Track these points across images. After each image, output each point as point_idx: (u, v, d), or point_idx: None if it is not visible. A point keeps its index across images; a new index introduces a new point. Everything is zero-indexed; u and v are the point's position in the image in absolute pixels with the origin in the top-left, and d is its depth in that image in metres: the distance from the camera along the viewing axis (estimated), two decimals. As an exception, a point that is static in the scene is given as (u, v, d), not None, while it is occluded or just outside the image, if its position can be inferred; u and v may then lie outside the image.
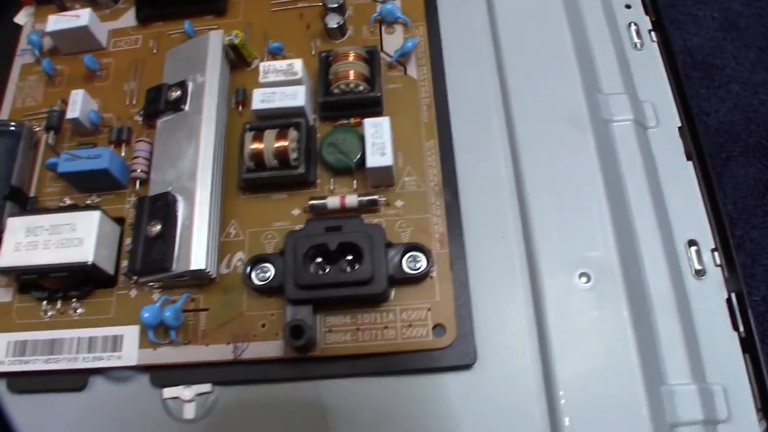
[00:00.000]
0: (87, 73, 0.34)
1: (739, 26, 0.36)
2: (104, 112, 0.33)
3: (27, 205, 0.31)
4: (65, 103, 0.32)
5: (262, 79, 0.30)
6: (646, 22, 0.35)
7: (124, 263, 0.29)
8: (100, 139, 0.33)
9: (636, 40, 0.35)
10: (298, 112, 0.30)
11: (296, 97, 0.30)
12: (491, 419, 0.26)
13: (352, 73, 0.30)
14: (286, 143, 0.29)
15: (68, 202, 0.31)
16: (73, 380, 0.28)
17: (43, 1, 0.37)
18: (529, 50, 0.33)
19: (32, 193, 0.32)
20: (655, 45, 0.35)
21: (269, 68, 0.30)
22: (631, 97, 0.33)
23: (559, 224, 0.29)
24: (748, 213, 0.34)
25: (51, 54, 0.35)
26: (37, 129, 0.33)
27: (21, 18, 0.38)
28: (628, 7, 0.36)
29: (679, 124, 0.33)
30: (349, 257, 0.27)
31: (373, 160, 0.28)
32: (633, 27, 0.35)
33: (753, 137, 0.35)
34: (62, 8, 0.36)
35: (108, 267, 0.29)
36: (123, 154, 0.32)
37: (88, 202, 0.31)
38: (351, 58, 0.31)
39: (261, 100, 0.30)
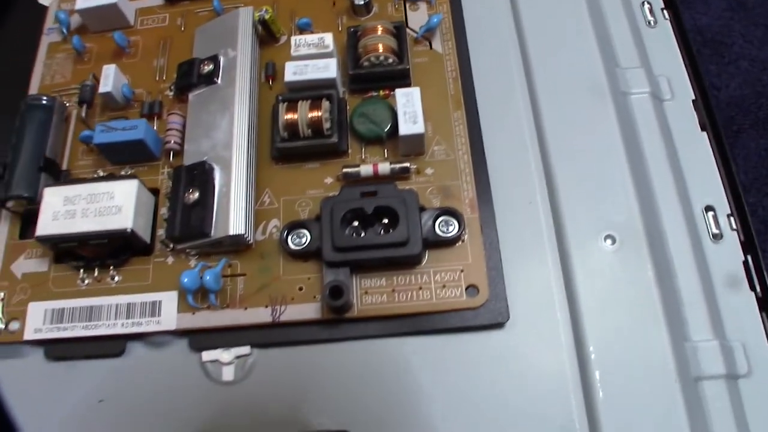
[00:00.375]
0: (116, 50, 0.35)
1: (747, 6, 0.38)
2: (134, 87, 0.34)
3: (60, 178, 0.32)
4: (96, 78, 0.33)
5: (294, 53, 0.31)
6: (658, 1, 0.37)
7: (160, 232, 0.30)
8: (132, 114, 0.33)
9: (649, 17, 0.36)
10: (329, 83, 0.31)
11: (328, 69, 0.31)
12: (524, 375, 0.27)
13: (381, 46, 0.31)
14: (319, 113, 0.30)
15: (101, 174, 0.32)
16: (111, 346, 0.29)
17: (67, -19, 0.37)
18: (549, 25, 0.34)
19: (64, 166, 0.32)
20: (668, 23, 0.36)
21: (301, 42, 0.31)
22: (647, 71, 0.34)
23: (583, 190, 0.30)
24: (760, 182, 0.35)
25: (78, 32, 0.36)
26: (68, 104, 0.34)
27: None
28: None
29: (693, 97, 0.34)
30: (385, 221, 0.28)
31: (405, 128, 0.29)
32: (646, 5, 0.36)
33: (762, 111, 0.37)
34: (88, -12, 0.37)
35: (145, 235, 0.30)
36: (155, 127, 0.32)
37: (123, 173, 0.31)
38: (379, 32, 0.32)
39: (293, 72, 0.31)
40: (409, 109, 0.29)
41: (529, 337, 0.28)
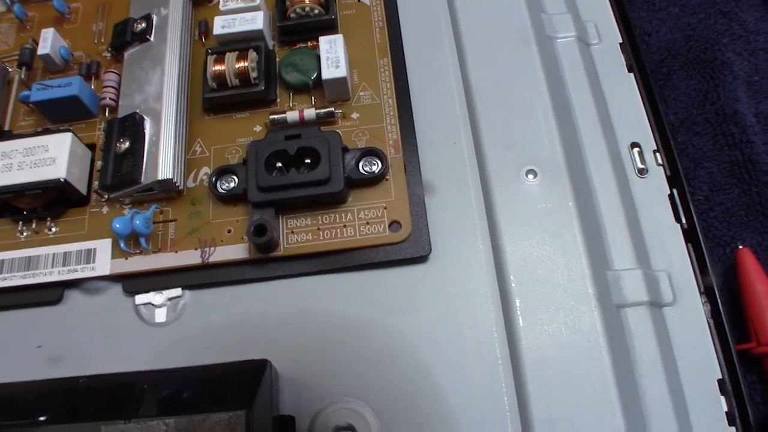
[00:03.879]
0: (57, 16, 0.36)
1: (676, -47, 0.38)
2: (74, 50, 0.35)
3: (1, 138, 0.33)
4: (36, 42, 0.34)
5: (222, 7, 0.32)
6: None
7: (96, 185, 0.31)
8: (71, 75, 0.34)
9: (578, -33, 0.37)
10: (257, 35, 0.32)
11: (255, 21, 0.32)
12: (447, 306, 0.28)
13: (307, -2, 0.32)
14: (246, 63, 0.31)
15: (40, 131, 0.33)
16: (49, 294, 0.30)
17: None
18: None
19: (6, 127, 0.33)
20: (596, -30, 0.36)
21: (229, -3, 0.32)
22: (573, 17, 0.34)
23: (506, 129, 0.30)
24: (690, 121, 0.35)
25: (21, 1, 0.37)
26: (10, 70, 0.35)
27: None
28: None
29: (621, 41, 0.34)
30: (308, 161, 0.29)
31: (328, 73, 0.30)
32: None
33: (692, 52, 0.37)
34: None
35: (80, 186, 0.30)
36: (93, 86, 0.33)
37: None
38: (306, -16, 0.32)
39: (222, 26, 0.32)
40: (332, 54, 0.30)
41: (452, 269, 0.28)
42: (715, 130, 0.35)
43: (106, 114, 0.32)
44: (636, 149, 0.32)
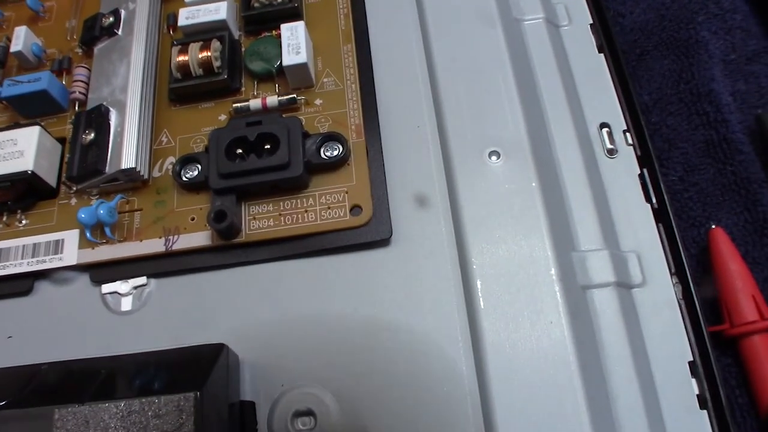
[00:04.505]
0: (31, 15, 0.36)
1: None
2: (48, 48, 0.35)
3: (-24, 135, 0.33)
4: (9, 40, 0.34)
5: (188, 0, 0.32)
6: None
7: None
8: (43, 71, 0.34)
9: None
10: (221, 26, 0.32)
11: (219, 11, 0.32)
12: (409, 289, 0.28)
13: (271, -13, 0.32)
14: (209, 53, 0.31)
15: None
16: (19, 285, 0.30)
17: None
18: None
19: (-19, 125, 0.34)
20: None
21: (194, -12, 0.32)
22: (542, -1, 0.34)
23: (469, 111, 0.30)
24: (664, 101, 0.35)
25: (-1, 2, 0.37)
26: (-16, 64, 0.35)
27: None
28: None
29: (591, 22, 0.34)
30: (268, 147, 0.29)
31: (288, 59, 0.30)
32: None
33: (666, 32, 0.37)
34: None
35: (49, 179, 0.31)
36: (64, 82, 0.34)
37: (32, 125, 0.33)
38: (270, -28, 0.32)
39: (186, 17, 0.32)
40: (293, 41, 0.30)
41: (413, 252, 0.28)
42: (689, 109, 0.34)
43: (77, 108, 0.33)
44: (605, 129, 0.31)
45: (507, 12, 0.33)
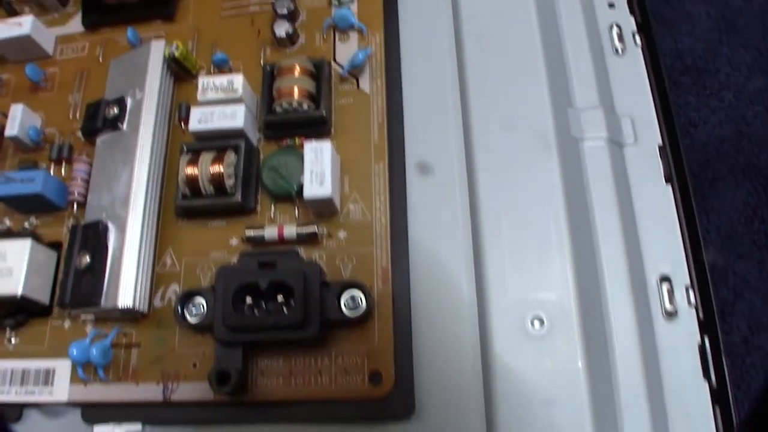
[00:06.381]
0: (32, 83, 0.32)
1: (737, 25, 0.32)
2: (48, 125, 0.32)
3: (-36, 227, 0.30)
4: (5, 116, 0.31)
5: (200, 97, 0.28)
6: (630, 23, 0.32)
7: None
8: (42, 156, 0.31)
9: (618, 44, 0.31)
10: (237, 133, 0.28)
11: (235, 117, 0.28)
12: (430, 473, 0.25)
13: (296, 90, 0.28)
14: (221, 168, 0.27)
15: (7, 223, 0.30)
16: (9, 411, 0.28)
17: (-9, 3, 0.35)
18: (495, 57, 0.30)
19: (-30, 214, 0.31)
20: (639, 49, 0.31)
21: (208, 85, 0.28)
22: (606, 111, 0.30)
23: (512, 264, 0.26)
24: (734, 241, 0.31)
25: (-2, 61, 0.34)
26: (-21, 144, 0.32)
27: (-34, 19, 0.36)
28: (611, 6, 0.32)
29: (660, 142, 0.29)
30: (281, 297, 0.26)
31: (310, 190, 0.26)
32: (615, 30, 0.32)
33: (744, 155, 0.32)
34: (10, 12, 0.35)
35: (42, 297, 0.28)
36: (63, 172, 0.31)
37: (26, 224, 0.30)
38: (296, 73, 0.28)
39: (198, 120, 0.28)
40: (317, 168, 0.26)
41: (438, 428, 0.25)
42: (763, 255, 0.30)
43: (75, 209, 0.30)
44: (666, 285, 0.28)
45: (565, 130, 0.29)
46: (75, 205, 0.30)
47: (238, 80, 0.28)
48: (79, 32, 0.34)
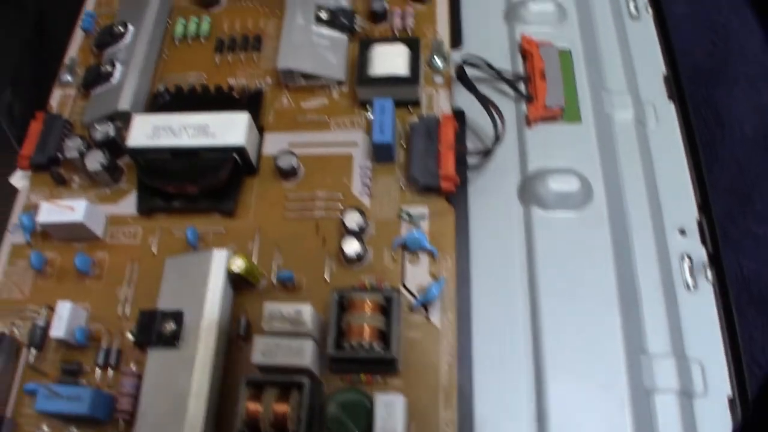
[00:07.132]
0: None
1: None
2: (94, 319, 0.30)
3: (2, 429, 0.29)
4: (51, 309, 0.30)
5: (266, 326, 0.27)
6: (701, 254, 0.31)
7: None
8: (87, 357, 0.30)
9: (689, 279, 0.31)
10: (303, 369, 0.27)
11: (302, 354, 0.27)
12: None
13: (366, 331, 0.27)
14: (286, 409, 0.26)
15: (45, 430, 0.29)
16: None
17: (39, 168, 0.34)
18: (568, 293, 0.29)
19: (9, 413, 0.29)
20: (711, 287, 0.31)
21: (276, 313, 0.27)
22: (678, 360, 0.29)
23: None
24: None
25: (43, 237, 0.32)
26: (19, 336, 0.30)
27: (17, 180, 0.34)
28: (682, 233, 0.32)
29: (730, 394, 0.29)
30: None
31: (379, 443, 0.25)
32: (687, 262, 0.31)
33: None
34: (57, 180, 0.33)
35: None
36: (110, 378, 0.29)
37: (69, 438, 0.28)
38: (367, 309, 0.27)
39: (262, 352, 0.27)
40: (389, 425, 0.25)
41: None
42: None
43: (120, 424, 0.28)
44: None
45: (638, 379, 0.28)
46: (121, 422, 0.28)
47: (306, 312, 0.27)
48: (132, 215, 0.32)
